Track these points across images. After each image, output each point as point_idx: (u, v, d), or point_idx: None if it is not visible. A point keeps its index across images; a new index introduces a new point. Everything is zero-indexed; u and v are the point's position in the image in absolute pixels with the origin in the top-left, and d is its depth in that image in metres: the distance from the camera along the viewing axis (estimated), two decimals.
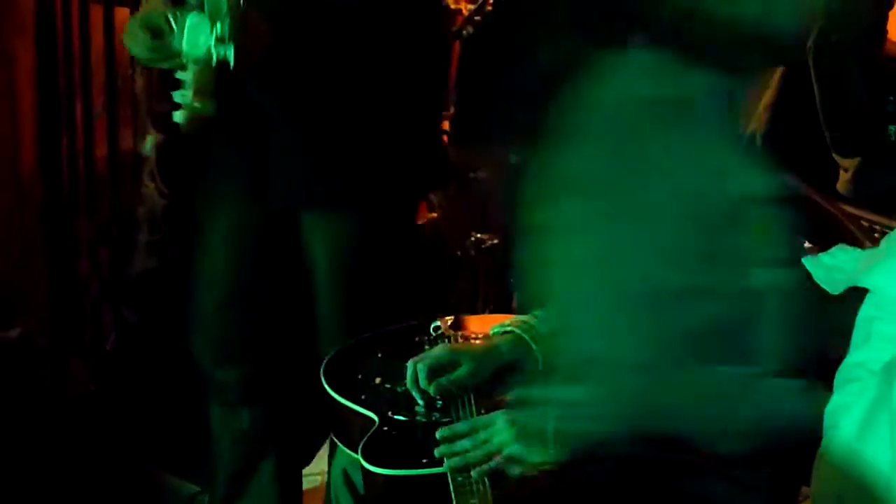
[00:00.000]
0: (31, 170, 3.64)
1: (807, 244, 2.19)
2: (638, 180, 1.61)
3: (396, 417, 2.30)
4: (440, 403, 2.32)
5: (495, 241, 3.95)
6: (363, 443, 2.23)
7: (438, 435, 2.16)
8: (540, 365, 2.42)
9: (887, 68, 3.16)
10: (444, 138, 4.26)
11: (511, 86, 2.28)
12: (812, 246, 2.19)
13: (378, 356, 2.51)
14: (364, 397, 2.37)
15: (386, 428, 2.28)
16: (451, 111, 3.80)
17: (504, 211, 3.94)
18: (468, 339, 2.51)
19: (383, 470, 2.18)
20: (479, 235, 3.96)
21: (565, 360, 1.82)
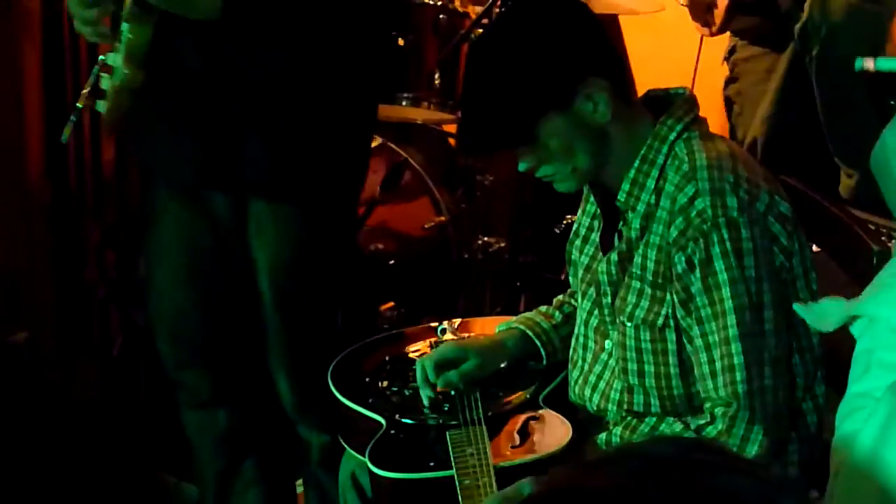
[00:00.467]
0: (39, 173, 3.64)
1: (814, 247, 2.19)
2: None
3: (404, 420, 2.30)
4: (447, 406, 2.32)
5: (502, 245, 3.95)
6: (370, 446, 2.23)
7: None
8: (544, 360, 2.42)
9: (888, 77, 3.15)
10: (451, 141, 4.27)
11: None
12: (819, 250, 2.19)
13: (385, 359, 2.51)
14: (371, 400, 2.37)
15: (393, 431, 2.28)
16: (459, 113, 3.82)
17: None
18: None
19: (391, 473, 2.18)
20: (486, 238, 3.96)
21: None
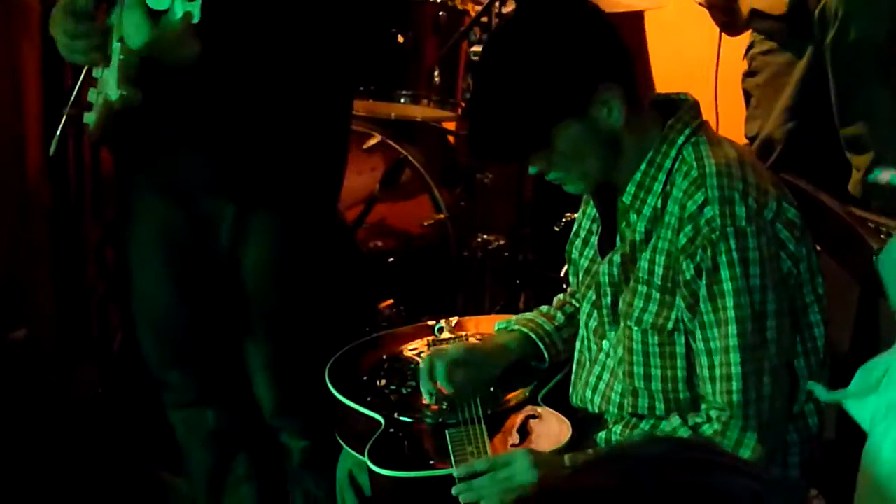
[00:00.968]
0: (38, 172, 3.64)
1: (817, 248, 2.19)
2: None
3: (402, 419, 2.30)
4: (446, 404, 2.32)
5: (501, 242, 3.95)
6: (370, 445, 2.23)
7: (456, 474, 2.11)
8: (547, 362, 2.42)
9: None
10: (451, 139, 4.26)
11: None
12: (819, 249, 2.19)
13: (383, 357, 2.51)
14: (370, 399, 2.36)
15: (392, 430, 2.28)
16: (459, 111, 3.82)
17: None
18: (471, 340, 2.51)
19: (390, 472, 2.18)
20: (486, 236, 3.96)
21: None
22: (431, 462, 2.18)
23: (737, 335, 2.06)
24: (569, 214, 3.68)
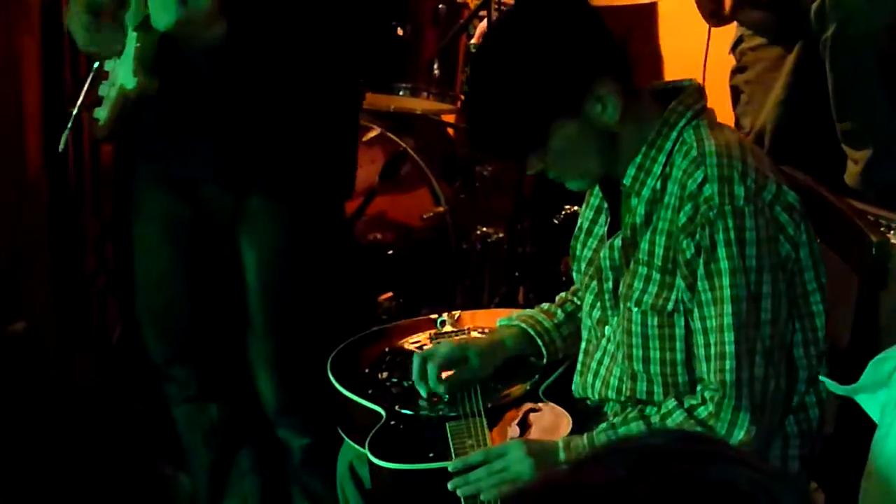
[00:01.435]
0: (37, 166, 3.64)
1: (818, 240, 2.19)
2: None
3: (403, 412, 2.31)
4: (447, 397, 2.33)
5: (501, 235, 3.95)
6: (370, 437, 2.23)
7: (451, 467, 2.12)
8: (545, 359, 2.42)
9: None
10: (451, 132, 4.26)
11: None
12: (819, 241, 2.19)
13: (384, 350, 2.51)
14: (371, 391, 2.37)
15: (393, 422, 2.28)
16: (458, 104, 3.82)
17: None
18: (472, 334, 2.51)
19: (390, 464, 2.18)
20: (485, 229, 3.96)
21: None
22: (431, 455, 2.18)
23: (731, 314, 2.05)
24: (568, 207, 3.68)
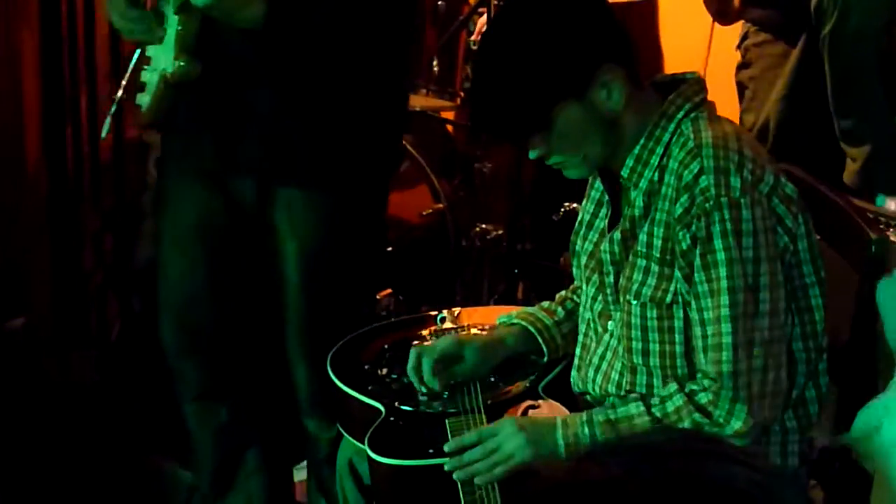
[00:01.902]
0: (36, 159, 3.64)
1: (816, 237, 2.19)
2: None
3: (402, 408, 2.30)
4: (446, 393, 2.33)
5: (500, 232, 3.95)
6: (370, 433, 2.23)
7: (446, 448, 2.13)
8: (545, 357, 2.42)
9: None
10: (450, 128, 4.26)
11: None
12: (819, 238, 2.20)
13: (384, 347, 2.51)
14: (370, 388, 2.36)
15: (392, 418, 2.28)
16: (458, 101, 3.82)
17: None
18: (472, 331, 2.51)
19: (390, 460, 2.18)
20: (484, 226, 3.96)
21: None
22: (431, 451, 2.18)
23: (728, 305, 2.05)
24: (567, 204, 3.68)
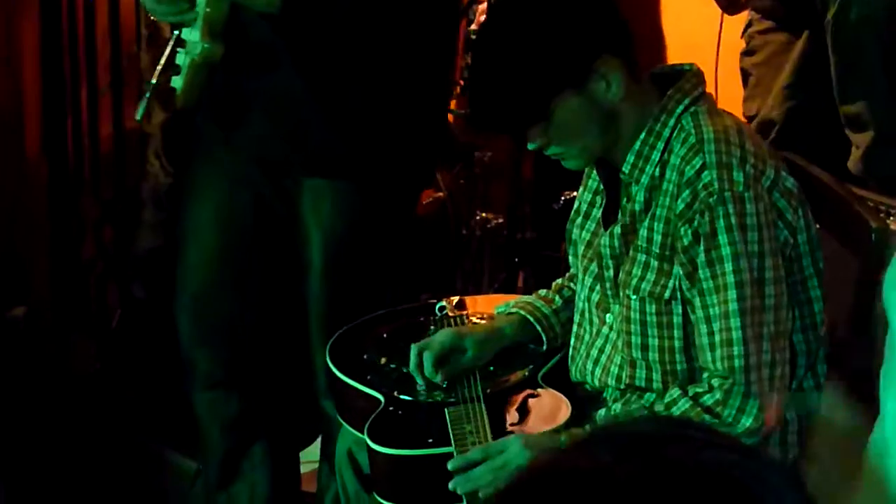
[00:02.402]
0: (36, 149, 3.63)
1: (816, 226, 2.19)
2: None
3: (402, 397, 2.30)
4: (445, 384, 2.33)
5: (500, 221, 3.95)
6: (369, 423, 2.23)
7: (451, 466, 2.10)
8: (545, 345, 2.42)
9: None
10: (450, 117, 4.25)
11: None
12: (819, 227, 2.20)
13: (384, 336, 2.51)
14: (370, 377, 2.37)
15: (392, 408, 2.28)
16: (457, 90, 3.81)
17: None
18: (472, 320, 2.51)
19: (389, 450, 2.18)
20: (485, 214, 3.96)
21: None
22: (430, 441, 2.18)
23: (736, 300, 2.05)
24: (567, 193, 3.67)
